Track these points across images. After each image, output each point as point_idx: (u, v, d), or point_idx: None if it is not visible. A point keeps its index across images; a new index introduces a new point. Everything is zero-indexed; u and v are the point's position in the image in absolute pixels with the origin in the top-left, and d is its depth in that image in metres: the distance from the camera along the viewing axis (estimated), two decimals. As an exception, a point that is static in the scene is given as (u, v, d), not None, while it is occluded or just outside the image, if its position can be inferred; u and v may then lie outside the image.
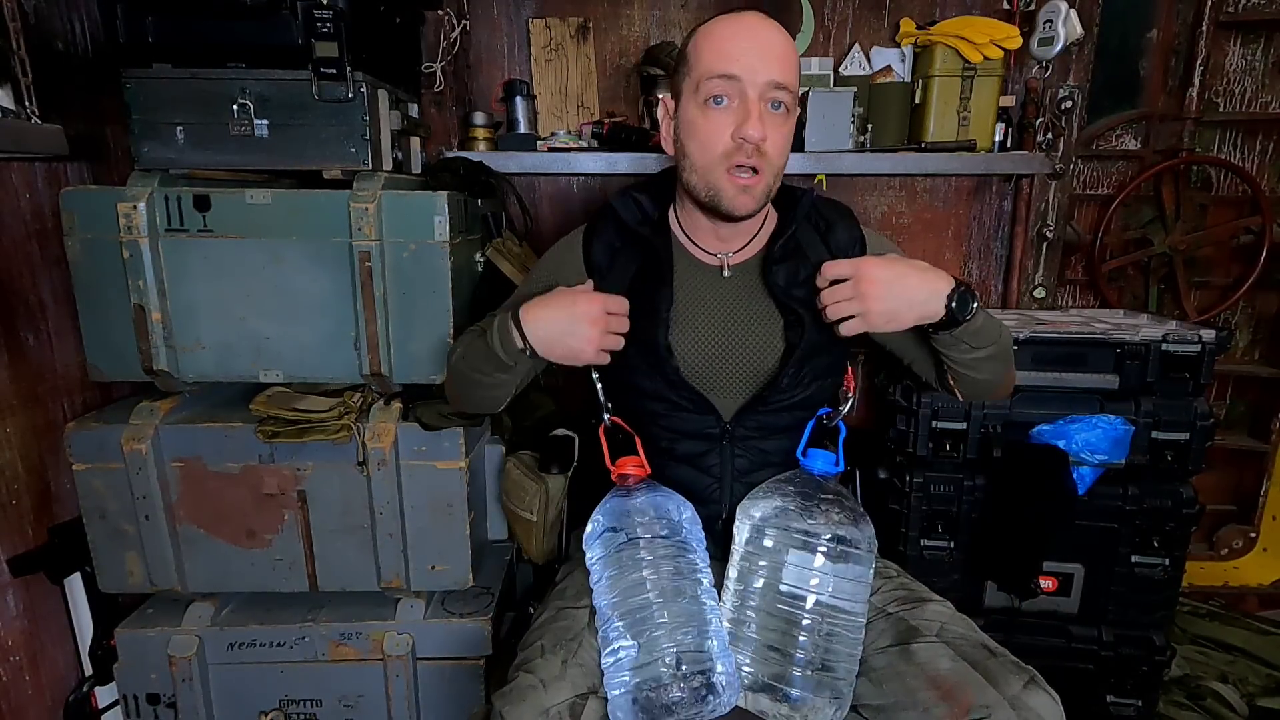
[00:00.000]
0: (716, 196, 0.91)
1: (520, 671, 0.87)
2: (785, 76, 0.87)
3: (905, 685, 0.85)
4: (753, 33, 0.88)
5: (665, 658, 0.81)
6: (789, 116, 0.90)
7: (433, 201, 1.21)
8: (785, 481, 0.95)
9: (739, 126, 0.86)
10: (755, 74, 0.86)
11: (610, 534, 0.91)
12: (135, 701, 1.33)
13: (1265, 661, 1.71)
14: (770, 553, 0.90)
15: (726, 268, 1.00)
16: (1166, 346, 1.42)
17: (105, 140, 1.40)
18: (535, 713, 0.82)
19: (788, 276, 0.97)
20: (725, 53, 0.87)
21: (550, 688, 0.84)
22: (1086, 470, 1.44)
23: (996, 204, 1.84)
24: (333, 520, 1.29)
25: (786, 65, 0.88)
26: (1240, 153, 1.82)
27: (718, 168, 0.89)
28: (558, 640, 0.90)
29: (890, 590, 0.98)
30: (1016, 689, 0.79)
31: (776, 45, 0.88)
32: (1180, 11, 1.74)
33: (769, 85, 0.86)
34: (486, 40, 1.76)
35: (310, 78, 1.17)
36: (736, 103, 0.87)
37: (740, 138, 0.87)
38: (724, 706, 0.82)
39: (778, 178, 0.93)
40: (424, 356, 1.26)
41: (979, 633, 0.89)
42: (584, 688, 0.86)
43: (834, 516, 0.89)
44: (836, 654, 0.86)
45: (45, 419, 1.29)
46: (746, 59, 0.86)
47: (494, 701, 0.85)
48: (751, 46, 0.87)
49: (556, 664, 0.87)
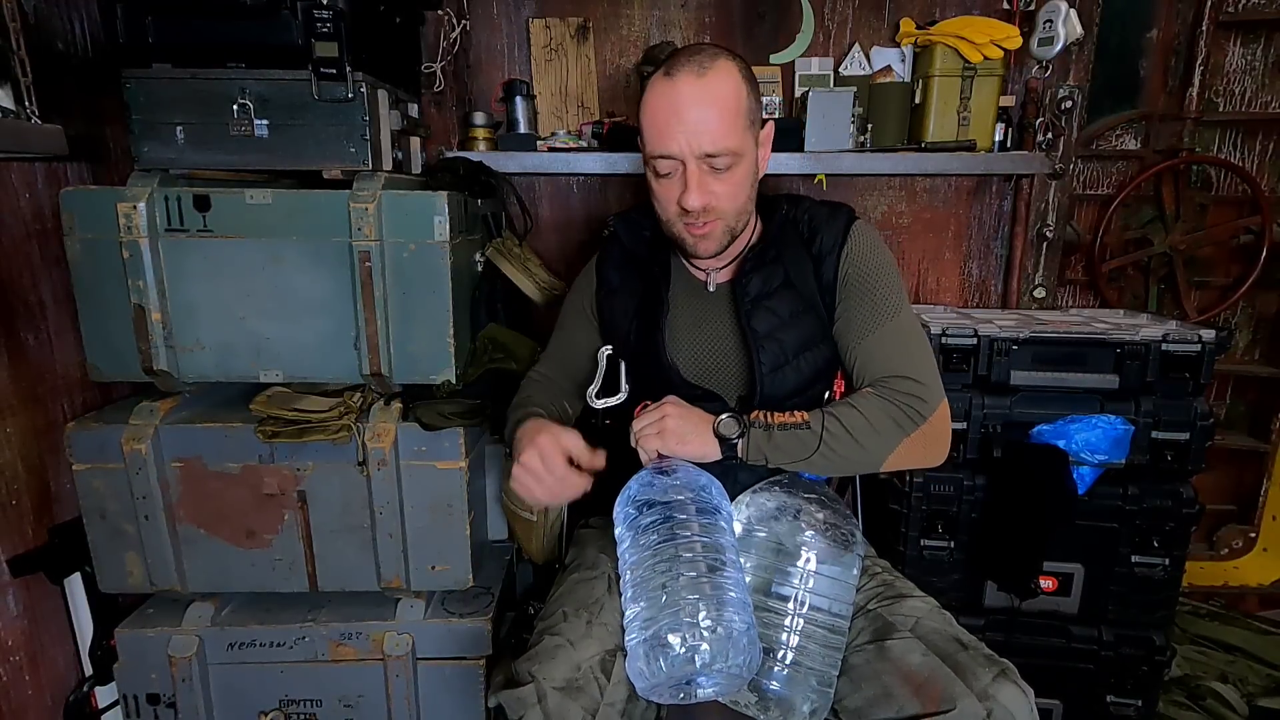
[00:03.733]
0: (681, 243, 1.01)
1: (545, 635, 0.88)
2: (719, 144, 0.91)
3: (880, 682, 0.86)
4: (682, 111, 0.91)
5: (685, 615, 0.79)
6: (736, 167, 0.94)
7: (433, 201, 1.21)
8: (775, 483, 0.96)
9: (682, 196, 0.94)
10: (690, 150, 0.91)
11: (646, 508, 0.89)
12: (135, 701, 1.33)
13: (1265, 661, 1.71)
14: (758, 552, 0.90)
15: (711, 284, 1.07)
16: (1166, 346, 1.42)
17: (105, 140, 1.40)
18: (568, 668, 0.83)
19: (761, 285, 1.02)
20: (661, 133, 0.93)
21: (579, 645, 0.86)
22: (1086, 470, 1.44)
23: (996, 204, 1.84)
24: (333, 520, 1.29)
25: (720, 132, 0.91)
26: (1240, 153, 1.82)
27: (676, 222, 0.98)
28: (580, 604, 0.92)
29: (872, 588, 0.99)
30: (986, 682, 0.80)
31: (709, 116, 0.90)
32: (1180, 11, 1.74)
33: (703, 157, 0.91)
34: (486, 40, 1.76)
35: (310, 78, 1.17)
36: (678, 174, 0.94)
37: (683, 207, 0.94)
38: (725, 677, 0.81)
39: (740, 215, 0.99)
40: (424, 356, 1.26)
41: (954, 627, 0.90)
42: (611, 645, 0.88)
43: (820, 520, 0.89)
44: (815, 653, 0.86)
45: (45, 419, 1.29)
46: (680, 139, 0.91)
47: (519, 666, 0.85)
48: (684, 125, 0.90)
49: (581, 625, 0.89)
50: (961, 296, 1.90)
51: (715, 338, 1.04)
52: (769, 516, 0.91)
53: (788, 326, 1.00)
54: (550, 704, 0.81)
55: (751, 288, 1.02)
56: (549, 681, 0.82)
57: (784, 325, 1.00)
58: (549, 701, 0.81)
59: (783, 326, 1.00)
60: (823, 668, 0.87)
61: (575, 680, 0.83)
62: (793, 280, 1.02)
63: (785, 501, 0.91)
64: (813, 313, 1.01)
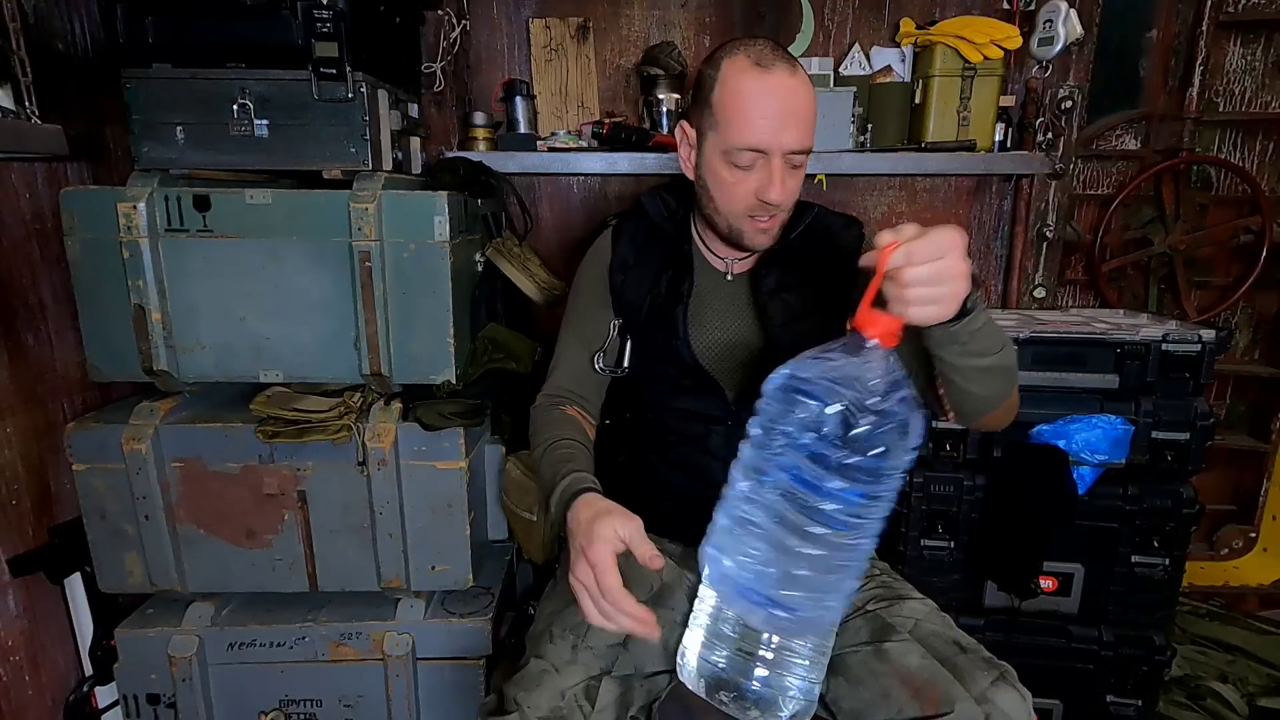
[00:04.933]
0: (739, 236, 0.97)
1: (531, 658, 0.88)
2: (805, 143, 0.90)
3: (879, 684, 0.85)
4: (781, 103, 0.88)
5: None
6: (804, 165, 0.94)
7: (433, 202, 1.21)
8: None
9: (762, 189, 0.91)
10: (781, 145, 0.89)
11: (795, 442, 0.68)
12: (135, 701, 1.33)
13: (1265, 661, 1.71)
14: None
15: (730, 273, 1.06)
16: (1166, 346, 1.42)
17: (105, 140, 1.40)
18: (551, 696, 0.83)
19: (779, 280, 1.03)
20: (753, 126, 0.88)
21: (564, 671, 0.85)
22: (1086, 470, 1.44)
23: (996, 204, 1.84)
24: (333, 520, 1.29)
25: (808, 128, 0.90)
26: (1240, 153, 1.82)
27: (741, 216, 0.95)
28: (566, 627, 0.91)
29: (871, 588, 0.99)
30: (984, 686, 0.80)
31: (801, 112, 0.89)
32: (1180, 11, 1.73)
33: (789, 154, 0.90)
34: (486, 40, 1.76)
35: (310, 78, 1.17)
36: (760, 167, 0.91)
37: (764, 200, 0.92)
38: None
39: (790, 211, 0.99)
40: (424, 356, 1.26)
41: (954, 629, 0.90)
42: (596, 669, 0.87)
43: None
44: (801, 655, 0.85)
45: (45, 419, 1.29)
46: (774, 134, 0.88)
47: (506, 690, 0.85)
48: (779, 120, 0.88)
49: (567, 649, 0.88)
50: (961, 296, 1.90)
51: (729, 327, 1.04)
52: None
53: (802, 319, 1.01)
54: None
55: (769, 280, 1.03)
56: (534, 710, 0.81)
57: (799, 318, 1.01)
58: None
59: (798, 319, 1.01)
60: (808, 671, 0.86)
61: (559, 709, 0.83)
62: (809, 279, 1.03)
63: None
64: (826, 309, 1.02)
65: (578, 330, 1.10)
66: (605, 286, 1.08)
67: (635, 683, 0.92)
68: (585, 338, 1.09)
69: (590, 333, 1.09)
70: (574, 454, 0.96)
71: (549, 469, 0.95)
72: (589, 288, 1.10)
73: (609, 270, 1.07)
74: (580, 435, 1.02)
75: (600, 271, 1.08)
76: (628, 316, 1.06)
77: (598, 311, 1.08)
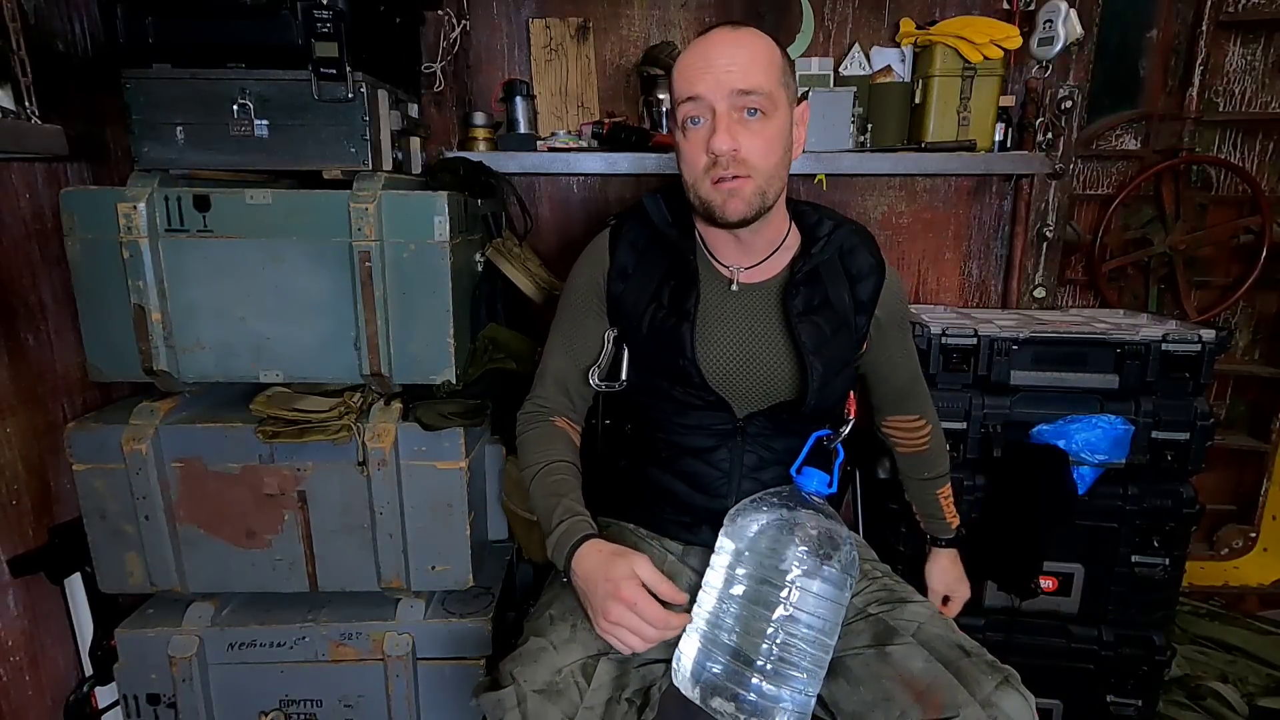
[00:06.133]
0: (709, 207, 0.92)
1: (530, 637, 0.88)
2: (751, 82, 0.86)
3: (881, 687, 0.85)
4: (713, 49, 0.88)
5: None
6: (769, 119, 0.89)
7: (433, 202, 1.21)
8: (774, 493, 0.95)
9: (711, 139, 0.88)
10: (719, 87, 0.86)
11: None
12: (135, 702, 1.33)
13: (1265, 661, 1.71)
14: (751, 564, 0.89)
15: (735, 282, 1.00)
16: (1166, 346, 1.42)
17: (105, 140, 1.40)
18: (548, 672, 0.83)
19: (806, 301, 0.98)
20: (689, 76, 0.89)
21: (562, 649, 0.86)
22: (1086, 470, 1.44)
23: (996, 204, 1.84)
24: (333, 520, 1.29)
25: (752, 70, 0.87)
26: (1240, 153, 1.82)
27: (703, 181, 0.91)
28: (565, 610, 0.92)
29: (872, 591, 0.99)
30: (989, 690, 0.80)
31: (739, 55, 0.87)
32: (1180, 11, 1.74)
33: (734, 94, 0.86)
34: (486, 40, 1.76)
35: (310, 78, 1.17)
36: (708, 120, 0.89)
37: (712, 152, 0.88)
38: None
39: (772, 180, 0.91)
40: (424, 356, 1.26)
41: (957, 633, 0.90)
42: (594, 650, 0.88)
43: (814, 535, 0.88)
44: (797, 667, 0.85)
45: (45, 419, 1.29)
46: (709, 76, 0.87)
47: (503, 666, 0.86)
48: (712, 63, 0.87)
49: (566, 629, 0.89)
50: (961, 296, 1.90)
51: (740, 344, 0.99)
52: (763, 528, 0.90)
53: (830, 343, 0.98)
54: (529, 706, 0.81)
55: (798, 302, 0.98)
56: (529, 684, 0.82)
57: (827, 341, 0.98)
58: (528, 704, 0.81)
59: (826, 343, 0.98)
60: (804, 683, 0.86)
61: (555, 684, 0.83)
62: (831, 300, 1.00)
63: (781, 515, 0.90)
64: (847, 331, 1.01)
65: (568, 338, 1.07)
66: (601, 294, 1.04)
67: (631, 667, 0.92)
68: (575, 349, 1.06)
69: (580, 346, 1.06)
70: (565, 481, 0.97)
71: (542, 501, 0.97)
72: (582, 294, 1.06)
73: (607, 278, 1.03)
74: (570, 453, 1.02)
75: (595, 277, 1.05)
76: (626, 326, 1.03)
77: (592, 322, 1.05)
